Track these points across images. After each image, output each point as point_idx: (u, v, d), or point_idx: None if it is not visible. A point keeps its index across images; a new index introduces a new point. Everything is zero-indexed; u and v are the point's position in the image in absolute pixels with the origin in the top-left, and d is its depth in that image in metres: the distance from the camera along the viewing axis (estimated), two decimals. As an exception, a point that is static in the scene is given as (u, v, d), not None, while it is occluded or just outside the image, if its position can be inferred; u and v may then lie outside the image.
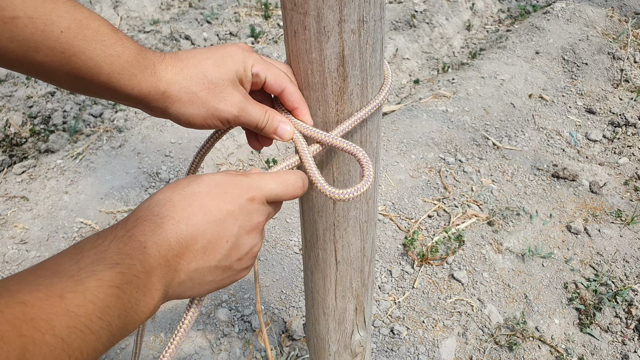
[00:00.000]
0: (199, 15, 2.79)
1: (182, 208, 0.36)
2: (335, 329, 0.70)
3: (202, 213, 0.36)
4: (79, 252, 0.31)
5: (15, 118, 1.94)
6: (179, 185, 0.38)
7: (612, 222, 1.64)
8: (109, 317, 0.29)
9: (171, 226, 0.35)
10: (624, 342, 1.31)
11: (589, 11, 2.66)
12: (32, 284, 0.27)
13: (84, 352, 0.27)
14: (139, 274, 0.32)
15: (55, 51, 0.38)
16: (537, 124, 2.06)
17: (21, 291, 0.26)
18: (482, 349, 1.28)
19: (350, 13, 0.42)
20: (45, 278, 0.28)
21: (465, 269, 1.47)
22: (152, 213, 0.35)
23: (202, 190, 0.38)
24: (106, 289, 0.29)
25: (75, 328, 0.27)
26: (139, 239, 0.33)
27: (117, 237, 0.33)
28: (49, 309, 0.26)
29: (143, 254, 0.32)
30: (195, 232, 0.36)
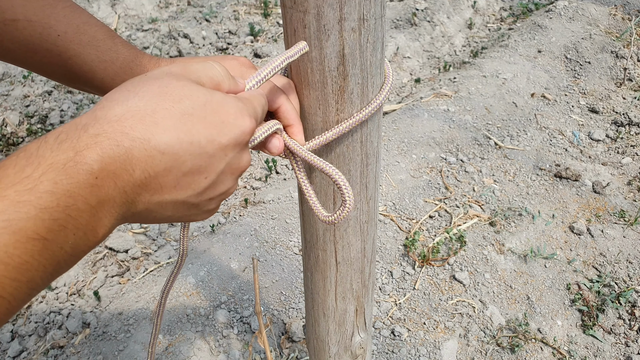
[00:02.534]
0: (197, 13, 2.78)
1: (163, 129, 0.28)
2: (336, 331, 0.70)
3: (188, 141, 0.29)
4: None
5: (12, 117, 1.93)
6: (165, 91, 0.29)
7: (615, 222, 1.62)
8: (28, 274, 0.23)
9: (142, 152, 0.27)
10: (627, 343, 1.30)
11: (592, 9, 2.64)
12: None
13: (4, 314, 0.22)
14: (81, 214, 0.25)
15: (52, 53, 0.39)
16: (539, 124, 2.04)
17: None
18: (483, 350, 1.27)
19: (351, 11, 0.42)
20: None
21: (466, 270, 1.46)
22: (120, 129, 0.27)
23: (195, 112, 0.29)
24: (25, 243, 0.22)
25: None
26: (90, 167, 0.25)
27: (57, 165, 0.24)
28: None
29: (91, 188, 0.25)
30: (171, 163, 0.28)
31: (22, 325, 1.29)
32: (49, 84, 2.15)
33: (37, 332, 1.28)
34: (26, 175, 0.23)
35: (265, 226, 1.57)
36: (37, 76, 2.18)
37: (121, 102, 0.28)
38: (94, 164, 0.25)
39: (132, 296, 1.35)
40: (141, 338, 1.21)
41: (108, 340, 1.22)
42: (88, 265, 1.46)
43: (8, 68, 2.19)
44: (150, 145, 0.28)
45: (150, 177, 0.28)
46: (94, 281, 1.41)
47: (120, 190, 0.27)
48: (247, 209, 1.67)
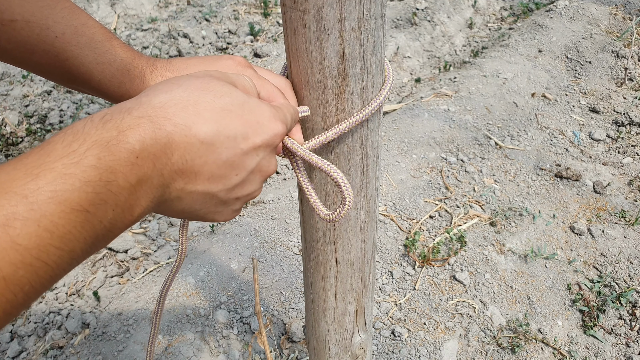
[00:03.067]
0: (197, 13, 2.77)
1: (204, 120, 0.29)
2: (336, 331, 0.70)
3: (225, 135, 0.30)
4: (42, 160, 0.24)
5: (11, 117, 1.93)
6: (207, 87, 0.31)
7: (616, 222, 1.62)
8: (71, 245, 0.24)
9: (182, 137, 0.28)
10: (628, 344, 1.30)
11: (593, 9, 2.64)
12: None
13: (37, 285, 0.23)
14: (120, 191, 0.26)
15: (49, 54, 0.39)
16: (540, 123, 2.04)
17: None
18: (484, 351, 1.27)
19: (351, 11, 0.41)
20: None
21: (467, 270, 1.46)
22: (163, 114, 0.28)
23: (233, 109, 0.31)
24: (69, 213, 0.24)
25: (24, 263, 0.22)
26: (132, 146, 0.26)
27: (101, 142, 0.25)
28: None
29: (132, 166, 0.26)
30: (208, 154, 0.30)
31: (22, 325, 1.29)
32: (48, 83, 2.15)
33: (36, 332, 1.27)
34: (72, 150, 0.25)
35: (265, 226, 1.57)
36: (36, 76, 2.17)
37: (165, 92, 0.30)
38: (136, 144, 0.27)
39: (131, 296, 1.35)
40: (141, 338, 1.21)
41: (107, 341, 1.22)
42: (87, 265, 1.46)
43: (7, 68, 2.19)
44: (190, 132, 0.29)
45: (187, 163, 0.29)
46: (94, 281, 1.41)
47: (158, 173, 0.28)
48: (247, 209, 1.66)
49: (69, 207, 0.24)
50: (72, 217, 0.24)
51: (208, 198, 0.32)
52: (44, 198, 0.23)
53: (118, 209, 0.26)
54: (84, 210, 0.24)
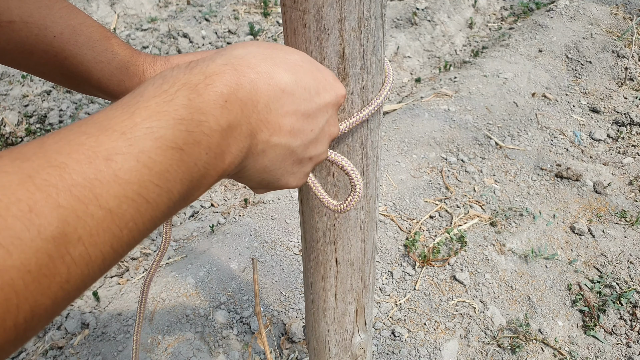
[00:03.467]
0: (197, 13, 2.77)
1: (283, 70, 0.30)
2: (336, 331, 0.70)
3: (302, 86, 0.31)
4: (136, 100, 0.25)
5: (10, 117, 1.92)
6: (277, 47, 0.32)
7: (617, 222, 1.62)
8: (168, 184, 0.24)
9: (265, 85, 0.29)
10: (629, 344, 1.29)
11: (593, 9, 2.63)
12: (74, 143, 0.22)
13: (139, 224, 0.23)
14: (212, 134, 0.26)
15: (48, 54, 0.40)
16: (540, 123, 2.04)
17: (59, 152, 0.21)
18: (484, 351, 1.26)
19: (351, 10, 0.41)
20: (90, 136, 0.22)
21: (467, 270, 1.45)
22: (245, 63, 0.28)
23: (304, 65, 0.32)
24: (165, 150, 0.24)
25: (127, 197, 0.22)
26: (220, 90, 0.27)
27: (190, 84, 0.26)
28: (93, 174, 0.21)
29: (221, 109, 0.26)
30: (289, 104, 0.30)
31: (21, 325, 1.29)
32: (47, 83, 2.15)
33: (36, 332, 1.27)
34: (164, 90, 0.25)
35: (265, 226, 1.57)
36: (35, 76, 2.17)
37: (241, 47, 0.30)
38: (224, 88, 0.27)
39: (131, 297, 1.35)
40: (141, 339, 1.21)
41: (107, 341, 1.22)
42: (87, 265, 1.46)
43: (7, 67, 2.19)
44: (273, 80, 0.29)
45: (271, 113, 0.30)
46: (93, 281, 1.41)
47: (246, 120, 0.28)
48: (246, 209, 1.66)
49: (165, 144, 0.24)
50: (168, 155, 0.24)
51: (288, 154, 0.32)
52: (141, 134, 0.23)
53: (211, 152, 0.26)
54: (178, 148, 0.25)
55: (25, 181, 0.19)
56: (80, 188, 0.21)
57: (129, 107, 0.24)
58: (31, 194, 0.19)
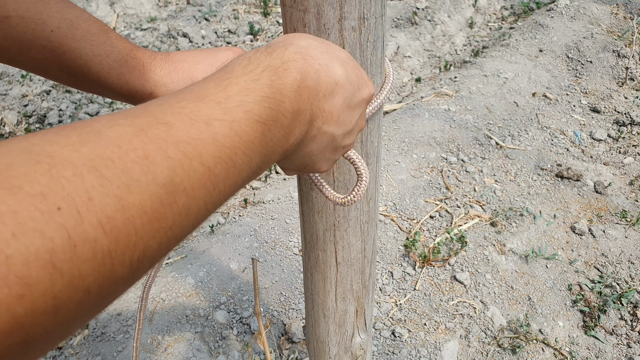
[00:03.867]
0: (197, 12, 2.77)
1: (338, 65, 0.34)
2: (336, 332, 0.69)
3: (350, 81, 0.34)
4: (227, 76, 0.28)
5: (10, 117, 1.92)
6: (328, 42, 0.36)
7: (617, 222, 1.62)
8: (251, 154, 0.27)
9: (326, 77, 0.32)
10: (629, 344, 1.29)
11: (594, 8, 2.63)
12: (175, 107, 0.24)
13: (227, 185, 0.25)
14: (286, 114, 0.29)
15: (46, 49, 0.39)
16: (540, 123, 2.04)
17: (164, 113, 0.23)
18: (484, 352, 1.26)
19: (351, 10, 0.41)
20: (190, 102, 0.25)
21: (467, 270, 1.45)
22: (310, 54, 0.32)
23: (349, 62, 0.35)
24: (253, 123, 0.26)
25: (221, 159, 0.24)
26: (294, 76, 0.30)
27: (272, 67, 0.29)
28: (195, 134, 0.23)
29: (295, 93, 0.30)
30: (340, 95, 0.33)
31: (21, 326, 1.29)
32: (47, 83, 2.14)
33: (35, 332, 1.27)
34: (250, 70, 0.29)
35: (265, 226, 1.56)
36: (35, 75, 2.17)
37: (303, 39, 0.34)
38: (297, 74, 0.30)
39: (130, 296, 1.35)
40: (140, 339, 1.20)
41: (107, 341, 1.21)
42: (87, 265, 1.45)
43: (6, 67, 2.18)
44: (330, 72, 0.33)
45: (327, 102, 0.33)
46: (93, 282, 1.41)
47: (309, 106, 0.31)
48: (246, 209, 1.66)
49: (252, 117, 0.26)
50: (255, 127, 0.26)
51: (331, 141, 0.35)
52: (233, 105, 0.26)
53: (283, 131, 0.29)
54: (263, 122, 0.27)
55: (139, 133, 0.21)
56: (186, 144, 0.23)
57: (221, 81, 0.27)
58: (145, 144, 0.21)
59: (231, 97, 0.26)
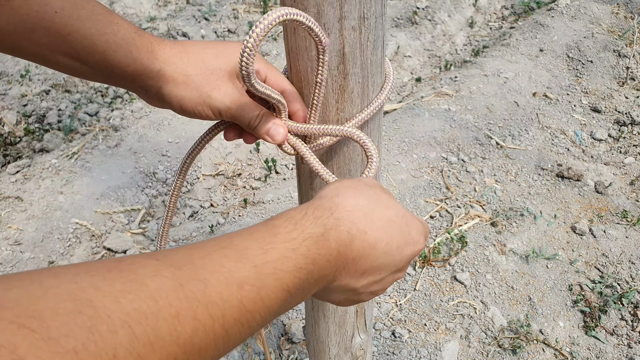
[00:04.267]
0: (196, 12, 2.76)
1: (376, 228, 0.35)
2: (336, 332, 0.69)
3: (386, 243, 0.36)
4: (270, 239, 0.30)
5: (9, 117, 1.92)
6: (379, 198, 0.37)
7: (618, 222, 1.61)
8: (268, 316, 0.29)
9: (360, 241, 0.34)
10: (630, 345, 1.29)
11: (594, 8, 2.62)
12: (216, 264, 0.26)
13: (236, 344, 0.27)
14: (312, 282, 0.31)
15: (50, 31, 0.39)
16: (541, 123, 2.03)
17: (205, 268, 0.25)
18: (485, 352, 1.26)
19: (351, 10, 0.41)
20: (230, 260, 0.27)
21: (468, 270, 1.45)
22: (351, 218, 0.34)
23: (396, 220, 0.37)
24: (280, 291, 0.28)
25: (240, 322, 0.26)
26: (331, 246, 0.32)
27: (312, 237, 0.31)
28: (226, 297, 0.25)
29: (326, 263, 0.32)
30: (371, 257, 0.35)
31: (20, 326, 1.28)
32: (46, 83, 2.14)
33: (35, 333, 1.27)
34: (292, 238, 0.31)
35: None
36: (34, 75, 2.16)
37: (352, 197, 0.36)
38: (332, 243, 0.32)
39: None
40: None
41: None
42: (86, 265, 1.45)
43: (5, 67, 2.18)
44: (365, 237, 0.35)
45: (355, 262, 0.35)
46: (93, 282, 1.40)
47: (335, 270, 0.33)
48: (246, 209, 1.66)
49: (281, 286, 0.28)
50: (280, 295, 0.28)
51: (350, 291, 0.37)
52: (268, 272, 0.28)
53: (303, 296, 0.31)
54: (289, 291, 0.29)
55: (177, 288, 0.23)
56: (214, 306, 0.24)
57: (264, 243, 0.29)
58: (180, 302, 0.23)
59: (268, 264, 0.28)
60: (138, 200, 1.63)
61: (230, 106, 0.44)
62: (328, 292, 0.36)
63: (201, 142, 0.50)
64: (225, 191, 1.78)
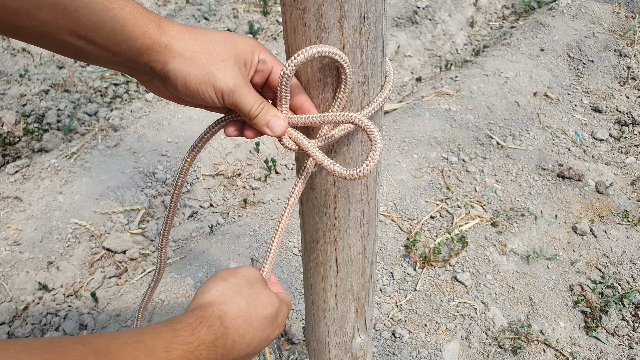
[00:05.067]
0: (196, 11, 2.76)
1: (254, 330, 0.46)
2: (336, 333, 0.69)
3: (262, 338, 0.48)
4: (173, 340, 0.37)
5: (8, 116, 1.91)
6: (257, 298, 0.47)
7: (619, 223, 1.61)
8: None
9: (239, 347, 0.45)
10: (631, 345, 1.29)
11: (595, 7, 2.62)
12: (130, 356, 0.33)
13: None
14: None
15: (57, 8, 0.38)
16: (542, 123, 2.03)
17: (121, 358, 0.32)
18: (485, 352, 1.26)
19: (351, 9, 0.41)
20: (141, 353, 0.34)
21: (468, 271, 1.45)
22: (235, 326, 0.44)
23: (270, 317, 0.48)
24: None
25: None
26: (218, 351, 0.41)
27: (205, 343, 0.40)
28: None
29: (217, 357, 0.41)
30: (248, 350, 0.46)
31: (19, 327, 1.28)
32: (45, 82, 2.14)
33: (34, 333, 1.27)
34: (190, 342, 0.39)
35: (264, 226, 1.56)
36: (33, 75, 2.16)
37: (236, 303, 0.46)
38: (220, 349, 0.41)
39: (129, 297, 1.34)
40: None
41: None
42: (85, 266, 1.45)
43: (4, 66, 2.17)
44: (244, 340, 0.45)
45: (234, 355, 0.44)
46: (92, 282, 1.40)
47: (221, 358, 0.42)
48: (246, 210, 1.65)
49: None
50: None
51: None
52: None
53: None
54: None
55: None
56: None
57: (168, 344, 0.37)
58: None
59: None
60: (137, 200, 1.63)
61: (234, 89, 0.44)
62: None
63: (203, 139, 0.50)
64: (225, 191, 1.78)
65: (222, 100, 0.45)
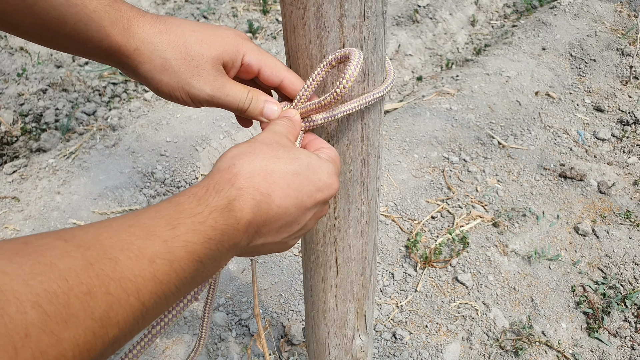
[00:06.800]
0: (195, 10, 2.75)
1: (280, 187, 0.36)
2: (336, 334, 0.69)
3: (295, 197, 0.37)
4: (177, 216, 0.31)
5: (5, 116, 1.91)
6: (277, 154, 0.37)
7: (621, 223, 1.60)
8: (184, 287, 0.30)
9: (266, 206, 0.35)
10: (633, 347, 1.28)
11: (597, 6, 2.60)
12: (125, 242, 0.27)
13: (154, 316, 0.28)
14: (223, 250, 0.32)
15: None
16: (543, 122, 2.02)
17: (113, 247, 0.26)
18: (487, 354, 1.25)
19: (351, 8, 0.41)
20: (139, 238, 0.28)
21: (469, 271, 1.44)
22: (253, 184, 0.35)
23: (301, 171, 0.38)
24: (192, 262, 0.30)
25: (156, 294, 0.27)
26: (237, 215, 0.33)
27: (217, 209, 0.32)
28: (138, 271, 0.26)
29: (235, 232, 0.33)
30: (282, 215, 0.37)
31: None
32: (43, 82, 2.13)
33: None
34: (198, 212, 0.31)
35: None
36: (31, 74, 2.15)
37: (249, 163, 0.36)
38: (238, 212, 0.33)
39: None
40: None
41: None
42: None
43: (2, 66, 2.17)
44: (271, 199, 0.35)
45: (267, 225, 0.36)
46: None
47: (246, 236, 0.34)
48: (246, 209, 1.64)
49: (193, 256, 0.29)
50: (193, 266, 0.29)
51: (273, 244, 0.39)
52: (178, 245, 0.29)
53: (217, 265, 0.33)
54: (201, 262, 0.30)
55: (87, 267, 0.24)
56: (127, 281, 0.25)
57: (172, 219, 0.30)
58: (90, 279, 0.24)
59: (177, 238, 0.29)
60: (136, 200, 1.62)
61: (213, 94, 0.42)
62: (251, 251, 0.38)
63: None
64: (224, 191, 1.77)
65: (201, 104, 0.44)
